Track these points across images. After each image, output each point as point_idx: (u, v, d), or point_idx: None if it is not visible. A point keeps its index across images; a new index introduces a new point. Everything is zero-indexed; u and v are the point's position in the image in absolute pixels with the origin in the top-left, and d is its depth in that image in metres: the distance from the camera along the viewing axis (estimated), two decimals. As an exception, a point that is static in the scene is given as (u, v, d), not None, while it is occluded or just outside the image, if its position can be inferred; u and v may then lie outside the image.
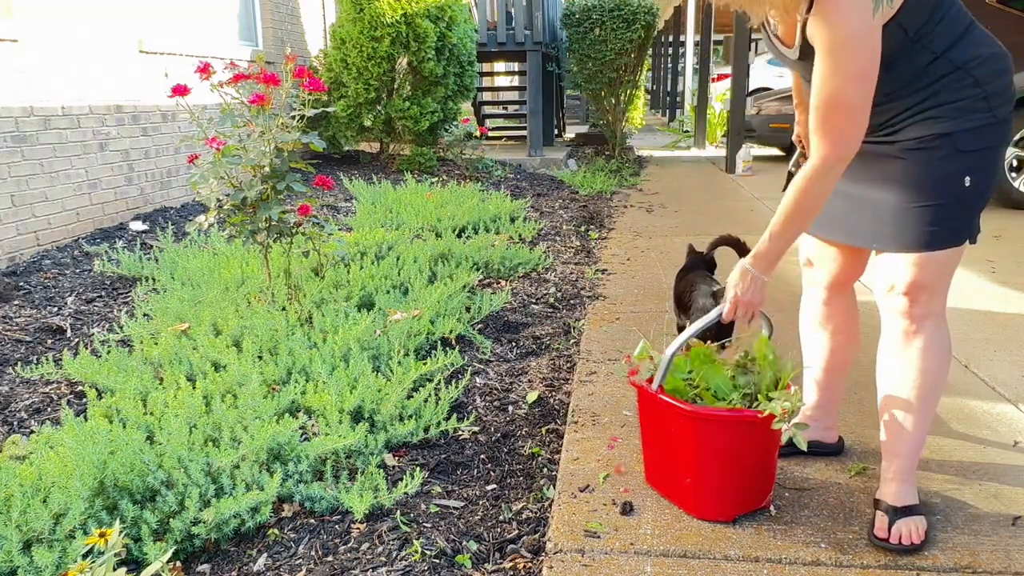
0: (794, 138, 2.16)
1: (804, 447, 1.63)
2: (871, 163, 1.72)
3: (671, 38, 18.60)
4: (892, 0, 1.48)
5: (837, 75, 1.49)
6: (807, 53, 1.58)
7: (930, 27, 1.56)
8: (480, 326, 3.27)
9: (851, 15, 1.45)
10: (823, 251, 1.95)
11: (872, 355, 1.82)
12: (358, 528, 1.87)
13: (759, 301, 1.66)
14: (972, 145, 1.59)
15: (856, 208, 1.76)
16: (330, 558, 1.77)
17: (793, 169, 2.17)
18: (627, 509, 1.85)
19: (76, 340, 3.07)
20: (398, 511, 1.93)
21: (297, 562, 1.75)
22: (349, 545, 1.81)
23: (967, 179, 1.60)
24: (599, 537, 1.75)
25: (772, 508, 1.84)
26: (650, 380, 1.79)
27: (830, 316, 1.99)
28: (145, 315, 3.20)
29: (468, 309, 3.38)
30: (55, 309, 3.42)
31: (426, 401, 2.39)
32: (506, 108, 13.98)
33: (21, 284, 3.68)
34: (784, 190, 2.20)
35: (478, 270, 4.01)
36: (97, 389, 2.45)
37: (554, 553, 1.70)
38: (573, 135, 12.36)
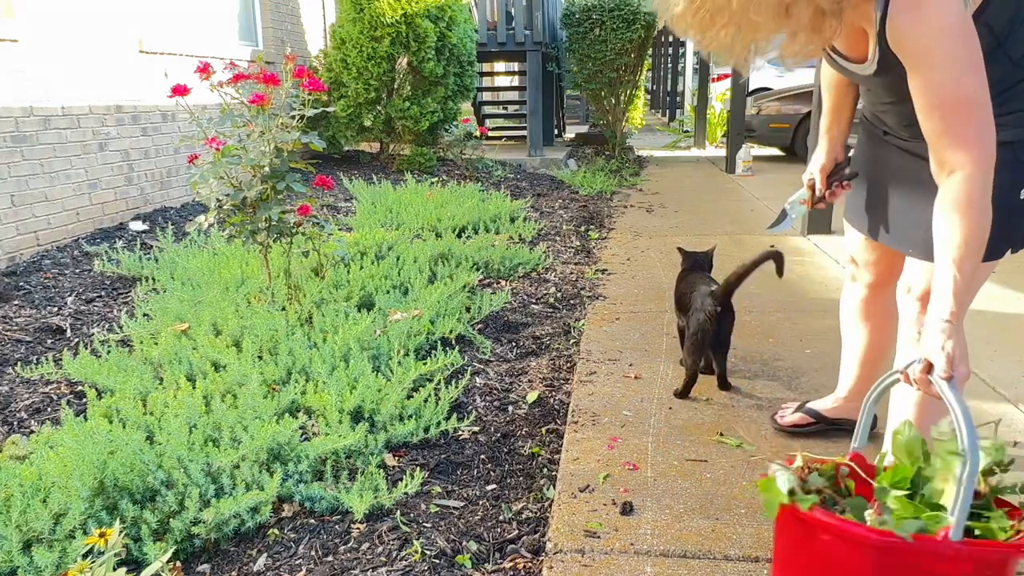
0: (807, 178, 1.90)
1: None
2: (922, 166, 1.59)
3: (671, 38, 18.58)
4: None
5: (950, 69, 1.31)
6: (887, 67, 1.42)
7: (1013, 27, 1.43)
8: (480, 326, 3.27)
9: (945, 5, 1.29)
10: (867, 252, 1.94)
11: None
12: (358, 528, 1.87)
13: (966, 353, 1.29)
14: None
15: (898, 210, 1.73)
16: (330, 558, 1.77)
17: (787, 206, 1.96)
18: (627, 509, 1.85)
19: (76, 340, 3.07)
20: (398, 511, 1.93)
21: (297, 562, 1.75)
22: (349, 545, 1.81)
23: (1022, 192, 1.50)
24: (599, 537, 1.75)
25: None
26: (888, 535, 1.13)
27: (869, 314, 2.01)
28: (145, 315, 3.20)
29: (468, 309, 3.38)
30: (55, 309, 3.42)
31: (426, 401, 2.39)
32: (506, 108, 13.98)
33: (21, 284, 3.68)
34: (771, 227, 2.04)
35: (478, 270, 4.01)
36: (97, 389, 2.45)
37: (554, 553, 1.70)
38: (573, 135, 12.36)
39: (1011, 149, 1.46)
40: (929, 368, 1.25)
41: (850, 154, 1.92)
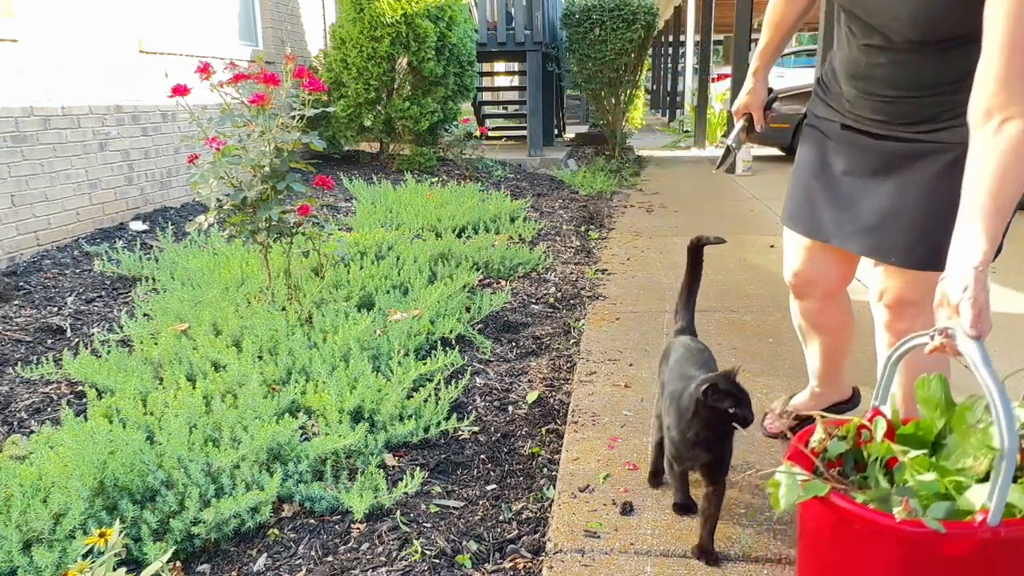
0: (739, 110, 1.97)
1: None
2: (899, 164, 1.55)
3: (671, 38, 18.60)
4: None
5: None
6: None
7: None
8: (480, 326, 3.27)
9: None
10: (817, 262, 1.85)
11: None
12: (358, 528, 1.87)
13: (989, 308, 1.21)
14: None
15: (862, 212, 1.64)
16: (330, 558, 1.77)
17: (731, 144, 1.94)
18: (627, 509, 1.85)
19: (76, 340, 3.07)
20: (398, 511, 1.93)
21: (297, 562, 1.75)
22: (349, 545, 1.81)
23: None
24: (599, 537, 1.75)
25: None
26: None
27: (825, 321, 1.98)
28: (145, 315, 3.20)
29: (468, 309, 3.38)
30: (55, 309, 3.42)
31: (426, 401, 2.39)
32: (506, 108, 13.98)
33: (21, 284, 3.68)
34: (719, 167, 2.01)
35: (478, 270, 4.01)
36: (97, 389, 2.45)
37: (554, 553, 1.70)
38: (573, 135, 12.36)
39: None
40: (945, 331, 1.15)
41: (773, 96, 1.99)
